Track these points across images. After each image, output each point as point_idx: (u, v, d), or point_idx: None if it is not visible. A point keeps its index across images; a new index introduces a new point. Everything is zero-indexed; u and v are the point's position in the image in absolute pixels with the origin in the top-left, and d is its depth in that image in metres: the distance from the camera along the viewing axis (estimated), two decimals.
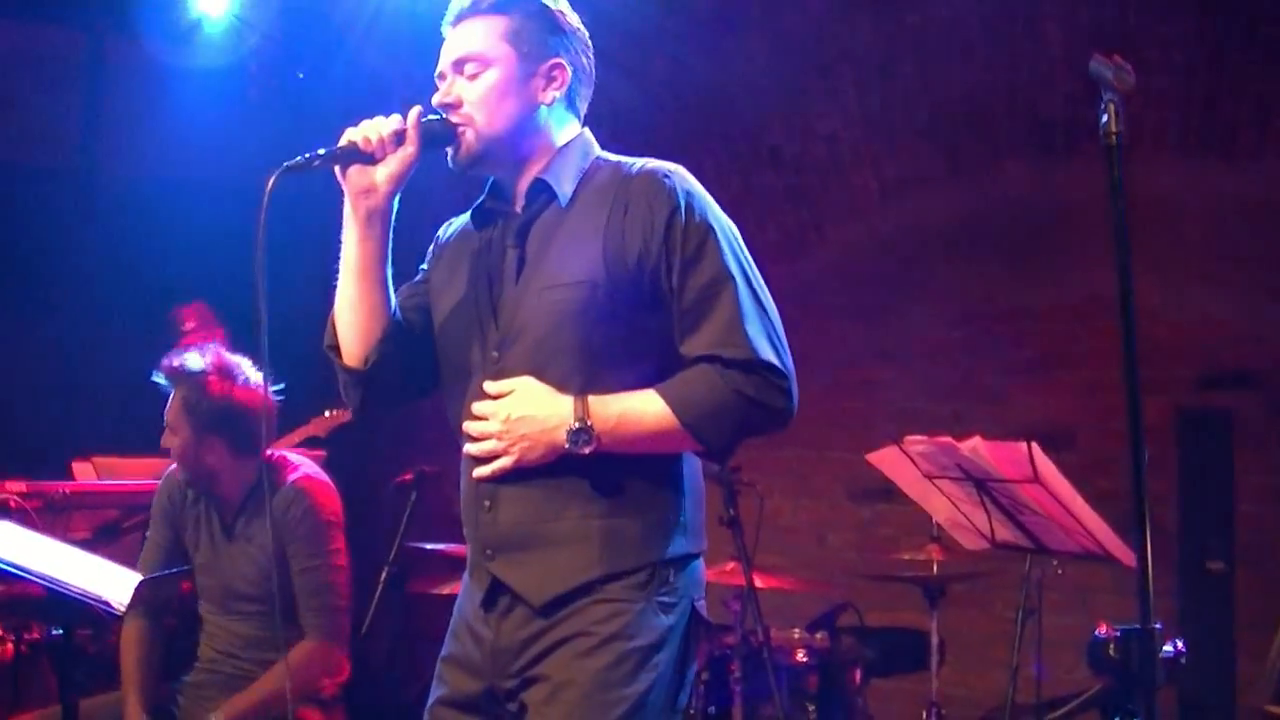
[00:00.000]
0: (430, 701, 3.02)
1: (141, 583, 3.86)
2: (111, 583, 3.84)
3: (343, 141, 2.93)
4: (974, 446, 4.55)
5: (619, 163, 3.02)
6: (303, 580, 4.55)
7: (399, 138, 2.92)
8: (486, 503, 2.90)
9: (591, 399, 2.78)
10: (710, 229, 2.88)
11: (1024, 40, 6.77)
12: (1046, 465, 4.45)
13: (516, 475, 2.85)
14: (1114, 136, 2.62)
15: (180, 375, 4.63)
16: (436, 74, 3.03)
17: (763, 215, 7.99)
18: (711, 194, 2.97)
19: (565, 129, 3.04)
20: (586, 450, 2.76)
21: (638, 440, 2.80)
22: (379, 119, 2.94)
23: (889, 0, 7.12)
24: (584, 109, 3.11)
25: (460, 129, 2.95)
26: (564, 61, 3.02)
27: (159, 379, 4.67)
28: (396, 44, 8.19)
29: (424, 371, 3.09)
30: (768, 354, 2.83)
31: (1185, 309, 6.74)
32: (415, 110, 2.94)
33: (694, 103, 7.75)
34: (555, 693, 2.77)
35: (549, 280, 2.87)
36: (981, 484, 4.69)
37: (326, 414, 6.76)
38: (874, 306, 7.84)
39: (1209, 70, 6.38)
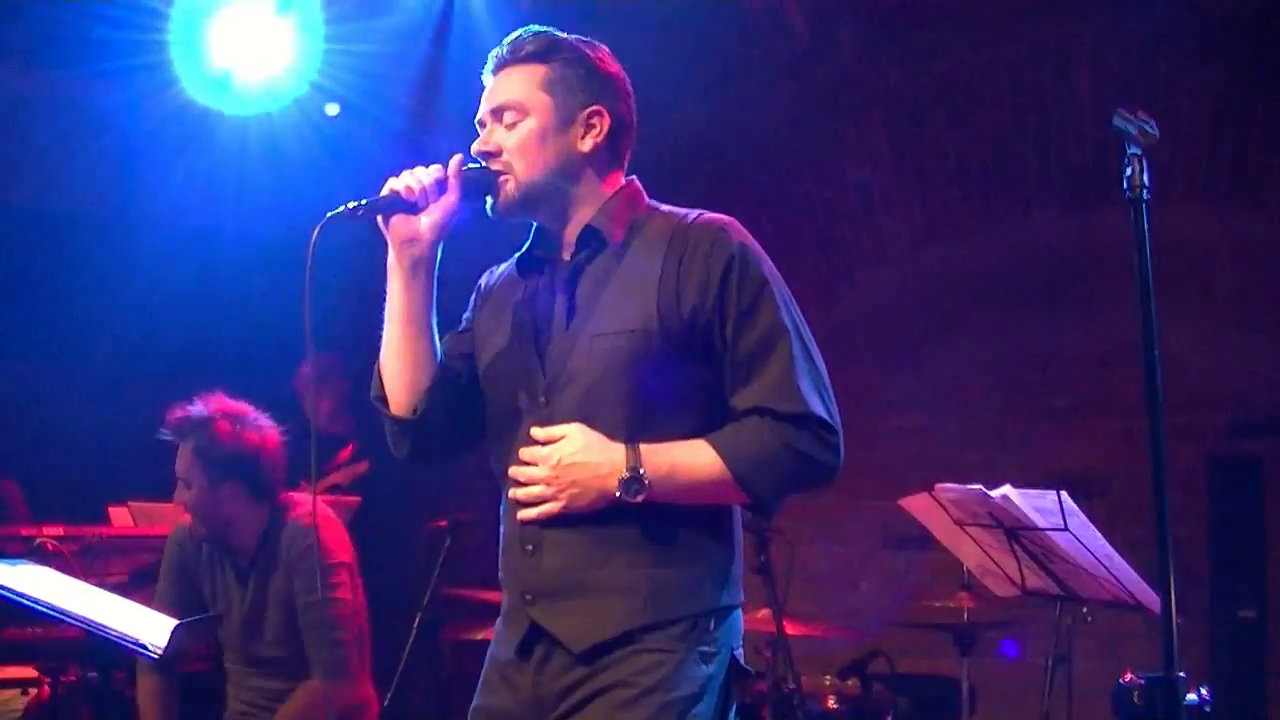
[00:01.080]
0: None
1: (178, 626, 3.89)
2: (147, 626, 3.88)
3: (385, 191, 2.93)
4: (1005, 495, 4.57)
5: (671, 212, 3.02)
6: (305, 616, 4.56)
7: (441, 186, 2.93)
8: (529, 547, 2.87)
9: (644, 447, 2.77)
10: (765, 282, 2.87)
11: (1054, 88, 6.80)
12: (1076, 514, 4.45)
13: (562, 521, 2.83)
14: (1139, 190, 2.63)
15: (188, 426, 4.64)
16: (477, 121, 3.03)
17: (794, 262, 7.99)
18: None
19: (609, 176, 3.04)
20: (638, 499, 2.75)
21: (688, 490, 2.79)
22: (420, 168, 2.94)
23: (919, 48, 7.16)
24: (628, 156, 3.11)
25: (501, 177, 2.95)
26: (603, 109, 3.00)
27: (165, 435, 4.67)
28: (439, 82, 8.26)
29: (471, 420, 3.06)
30: (819, 409, 2.84)
31: (1216, 356, 6.74)
32: (456, 159, 2.95)
33: (726, 150, 7.79)
34: None
35: (601, 328, 2.86)
36: (1012, 532, 4.70)
37: (354, 464, 6.81)
38: (905, 354, 7.85)
39: (1239, 117, 6.40)
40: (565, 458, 2.79)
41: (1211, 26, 6.29)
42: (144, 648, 3.81)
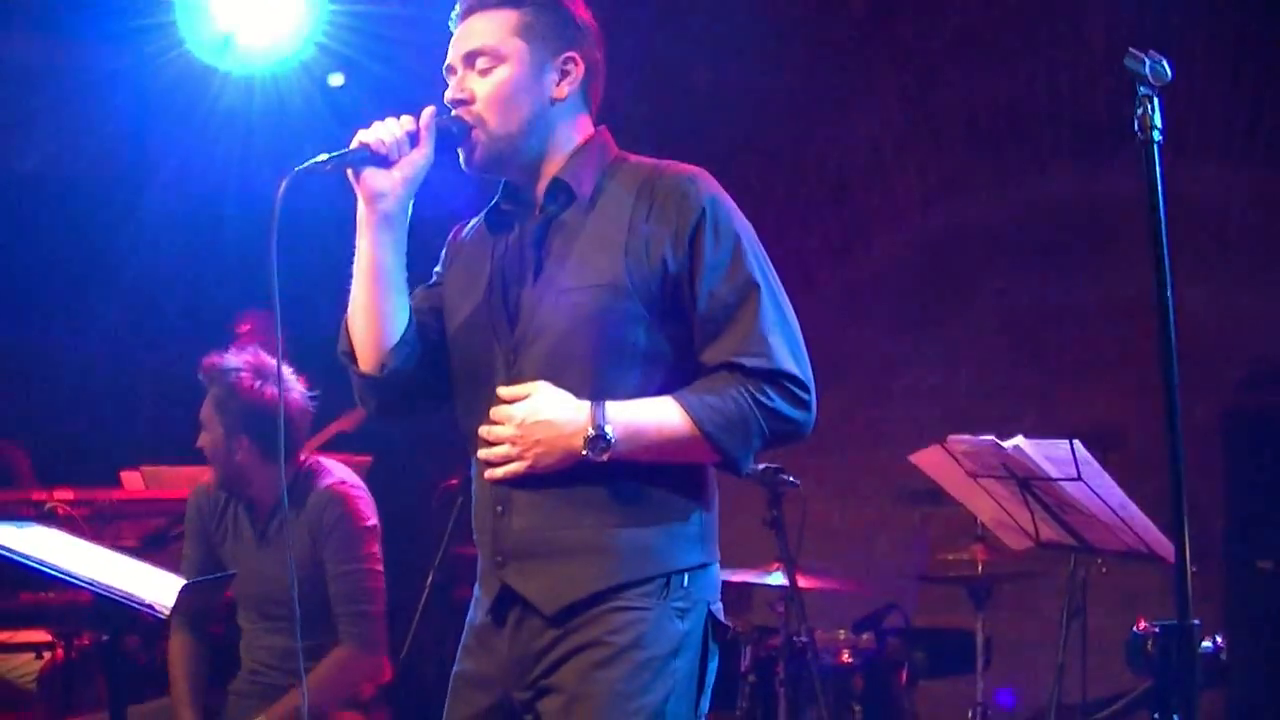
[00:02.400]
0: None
1: (185, 587, 3.88)
2: (157, 588, 3.87)
3: (354, 143, 2.85)
4: (1017, 445, 4.54)
5: (640, 163, 2.95)
6: (338, 585, 4.53)
7: (412, 139, 2.86)
8: (499, 508, 2.82)
9: (609, 405, 2.71)
10: (736, 236, 2.82)
11: (1066, 42, 6.76)
12: (1090, 463, 4.43)
13: (531, 481, 2.78)
14: (1151, 132, 2.59)
15: (214, 373, 4.62)
16: (445, 68, 2.95)
17: (807, 222, 7.99)
18: (755, 202, 2.94)
19: (579, 126, 2.98)
20: (604, 457, 2.68)
21: (655, 448, 2.73)
22: (390, 120, 2.86)
23: (930, 4, 7.12)
24: (597, 104, 3.04)
25: (473, 129, 2.88)
26: (577, 55, 2.95)
27: (200, 376, 4.67)
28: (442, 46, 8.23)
29: (439, 375, 3.01)
30: (789, 364, 2.76)
31: (1231, 309, 6.70)
32: (428, 110, 2.88)
33: (736, 110, 7.76)
34: (571, 705, 2.72)
35: (569, 282, 2.81)
36: (1025, 483, 4.67)
37: (356, 408, 6.76)
38: (920, 311, 7.82)
39: (1255, 69, 6.35)
40: (529, 416, 2.72)
41: None
42: (153, 609, 3.80)
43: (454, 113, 2.90)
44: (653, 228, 2.81)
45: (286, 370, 4.67)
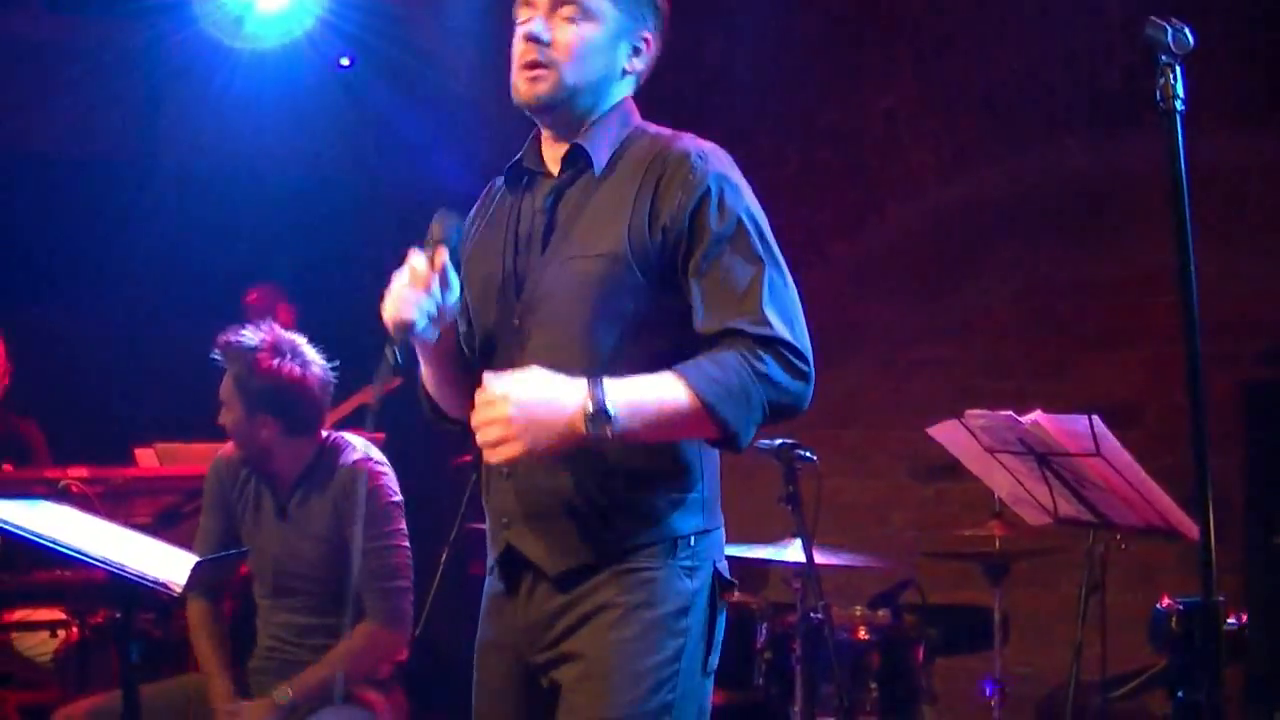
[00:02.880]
0: (474, 688, 3.04)
1: (198, 564, 3.87)
2: (171, 566, 3.86)
3: (401, 333, 2.82)
4: (1035, 420, 4.52)
5: (657, 135, 2.97)
6: (365, 561, 4.52)
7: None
8: (505, 469, 2.84)
9: (607, 381, 2.64)
10: (743, 211, 2.83)
11: (1082, 10, 6.70)
12: (1108, 438, 4.41)
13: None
14: (1173, 101, 2.56)
15: (232, 351, 4.61)
16: (522, 1, 2.94)
17: (821, 193, 7.95)
18: (769, 173, 2.96)
19: (624, 99, 3.01)
20: (606, 434, 2.61)
21: (656, 424, 2.67)
22: (414, 292, 2.81)
23: None
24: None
25: (542, 69, 2.87)
26: (652, 36, 2.99)
27: (215, 355, 4.66)
28: (450, 24, 8.20)
29: None
30: (789, 334, 2.76)
31: (1248, 283, 6.65)
32: (422, 264, 2.82)
33: (750, 81, 7.72)
34: (587, 669, 2.78)
35: (574, 250, 2.85)
36: (1043, 458, 4.65)
37: (377, 382, 6.74)
38: (934, 283, 7.79)
39: (1272, 40, 6.30)
40: (524, 395, 2.62)
41: None
42: (166, 587, 3.79)
43: (526, 50, 2.89)
44: (659, 199, 2.82)
45: (304, 343, 4.69)
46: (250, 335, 4.62)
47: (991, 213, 7.56)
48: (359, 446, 4.74)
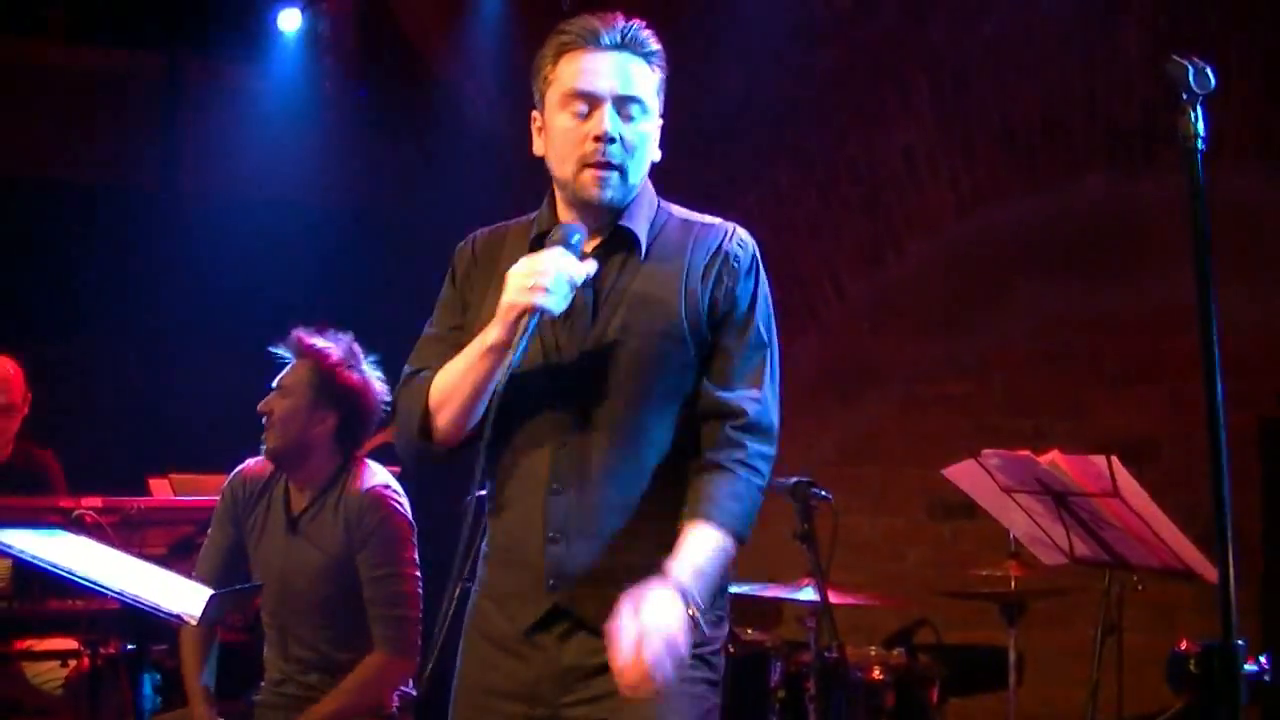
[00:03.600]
0: None
1: (213, 596, 3.86)
2: (185, 597, 3.85)
3: (534, 316, 2.81)
4: (1052, 460, 4.51)
5: (684, 217, 3.10)
6: (374, 589, 4.54)
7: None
8: (554, 534, 2.91)
9: (684, 579, 2.76)
10: (766, 298, 3.06)
11: (1101, 48, 6.71)
12: (1126, 479, 4.38)
13: (591, 513, 2.91)
14: (1194, 140, 2.56)
15: (313, 351, 4.70)
16: (582, 91, 2.96)
17: (840, 228, 7.95)
18: (788, 209, 3.05)
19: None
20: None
21: (720, 578, 2.91)
22: (560, 273, 2.82)
23: (964, 9, 7.08)
24: None
25: (615, 170, 2.94)
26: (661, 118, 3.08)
27: (281, 349, 4.74)
28: (473, 59, 8.23)
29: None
30: (775, 420, 3.00)
31: (1271, 320, 6.62)
32: (576, 264, 2.86)
33: (770, 116, 7.73)
34: (635, 703, 2.79)
35: (630, 327, 2.93)
36: (1061, 498, 4.63)
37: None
38: (952, 319, 7.77)
39: None
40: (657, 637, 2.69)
41: None
42: (180, 619, 3.78)
43: (596, 149, 2.93)
44: (705, 282, 2.98)
45: (371, 367, 4.80)
46: (331, 341, 4.74)
47: (1010, 249, 7.55)
48: (377, 474, 4.76)
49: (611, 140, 2.92)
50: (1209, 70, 2.54)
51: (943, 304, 7.81)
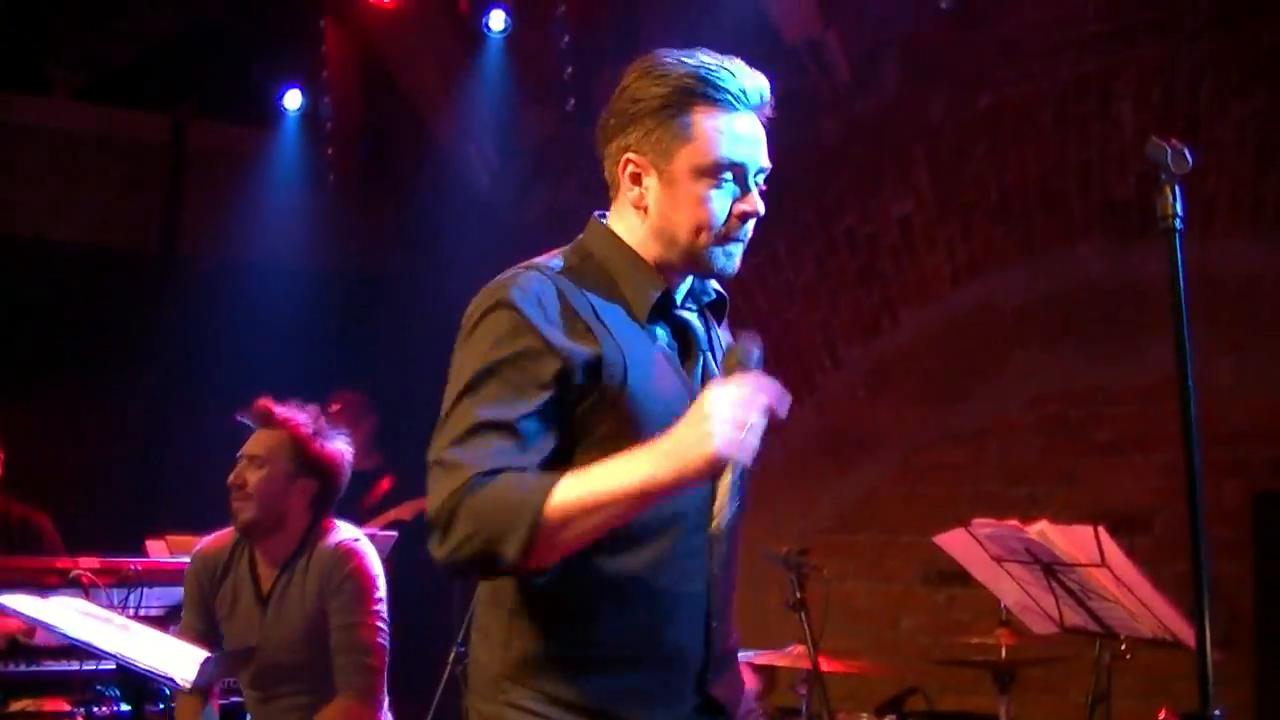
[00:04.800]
0: None
1: (207, 659, 3.89)
2: (180, 660, 3.88)
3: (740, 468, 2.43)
4: (1041, 530, 4.53)
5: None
6: (341, 637, 4.57)
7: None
8: (714, 622, 2.68)
9: None
10: None
11: (1096, 121, 6.78)
12: (1114, 549, 4.41)
13: (730, 594, 2.76)
14: (1172, 220, 2.61)
15: (287, 421, 4.74)
16: (733, 163, 2.70)
17: (837, 297, 8.00)
18: (784, 276, 2.98)
19: None
20: None
21: None
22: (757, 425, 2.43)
23: (962, 82, 7.16)
24: None
25: (741, 246, 2.74)
26: None
27: (249, 418, 4.76)
28: (472, 126, 8.30)
29: None
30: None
31: (1263, 390, 6.65)
32: (764, 394, 2.44)
33: (769, 186, 7.78)
34: None
35: None
36: (1049, 568, 4.65)
37: (420, 498, 6.83)
38: (947, 388, 7.80)
39: None
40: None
41: (1256, 56, 6.26)
42: (173, 681, 3.81)
43: (743, 228, 2.73)
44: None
45: (340, 437, 4.86)
46: (301, 411, 4.79)
47: (1005, 319, 7.59)
48: (346, 529, 4.80)
49: (756, 217, 2.73)
50: (1186, 152, 2.59)
51: (939, 373, 7.84)
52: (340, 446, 4.80)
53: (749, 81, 2.71)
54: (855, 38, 7.75)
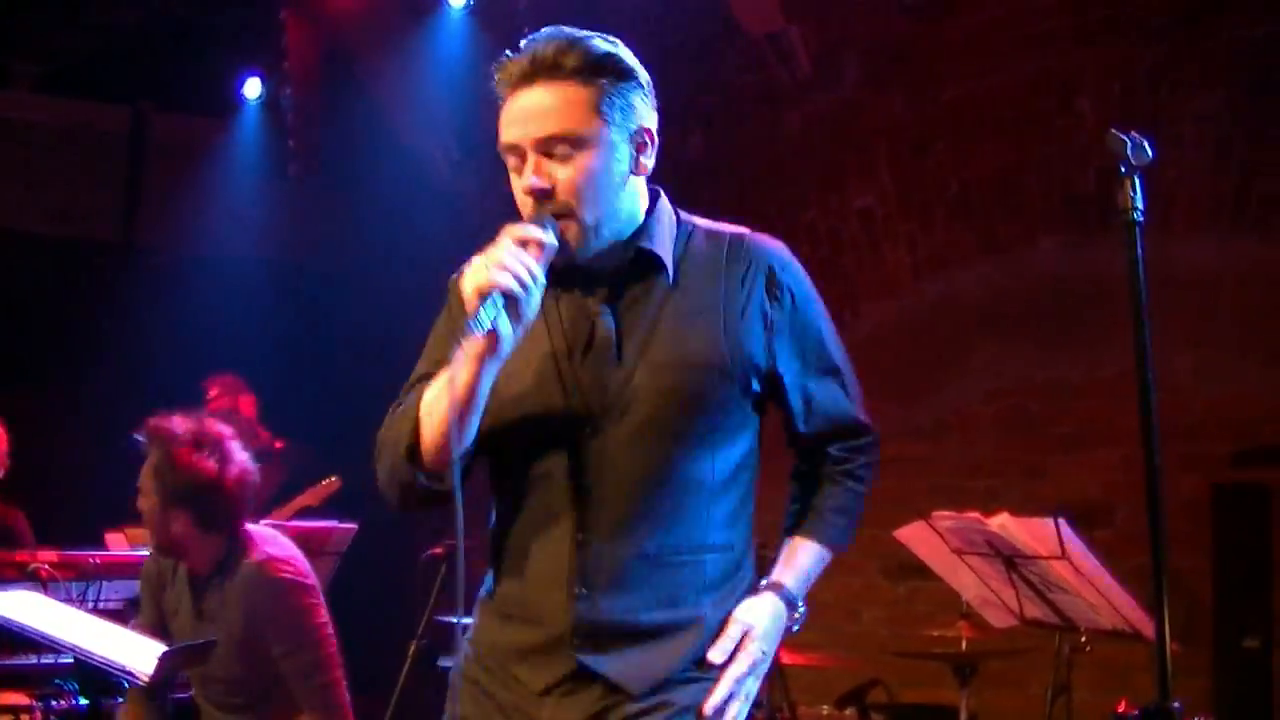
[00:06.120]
0: None
1: (165, 653, 3.86)
2: (138, 653, 3.86)
3: (496, 296, 2.50)
4: (1002, 523, 4.55)
5: (710, 229, 2.85)
6: (288, 665, 4.45)
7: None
8: (580, 589, 2.68)
9: (786, 581, 2.83)
10: (822, 314, 2.93)
11: (1057, 116, 6.80)
12: (1074, 541, 4.43)
13: (626, 564, 2.69)
14: (1132, 212, 2.62)
15: (156, 438, 4.51)
16: (506, 145, 2.69)
17: None
18: None
19: (643, 192, 2.79)
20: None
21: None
22: (517, 251, 2.53)
23: (923, 77, 7.18)
24: None
25: (561, 221, 2.62)
26: (649, 125, 2.76)
27: (137, 439, 4.56)
28: (434, 118, 8.28)
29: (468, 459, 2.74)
30: (872, 427, 3.02)
31: (1221, 384, 6.68)
32: (537, 233, 2.57)
33: (729, 179, 7.80)
34: None
35: (662, 359, 2.68)
36: (1010, 560, 4.67)
37: (323, 482, 6.80)
38: (908, 383, 7.81)
39: (1243, 145, 6.38)
40: (760, 649, 2.77)
41: (1214, 53, 6.29)
42: (133, 674, 3.79)
43: (532, 206, 2.65)
44: (750, 303, 2.76)
45: (233, 438, 4.60)
46: (178, 423, 4.51)
47: (966, 313, 7.61)
48: (262, 543, 4.59)
49: (544, 193, 2.63)
50: (1147, 144, 2.59)
51: (900, 367, 7.85)
52: (221, 461, 4.49)
53: (537, 51, 2.66)
54: (817, 32, 7.76)
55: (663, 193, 2.85)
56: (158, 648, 3.93)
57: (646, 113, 2.76)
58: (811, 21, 7.74)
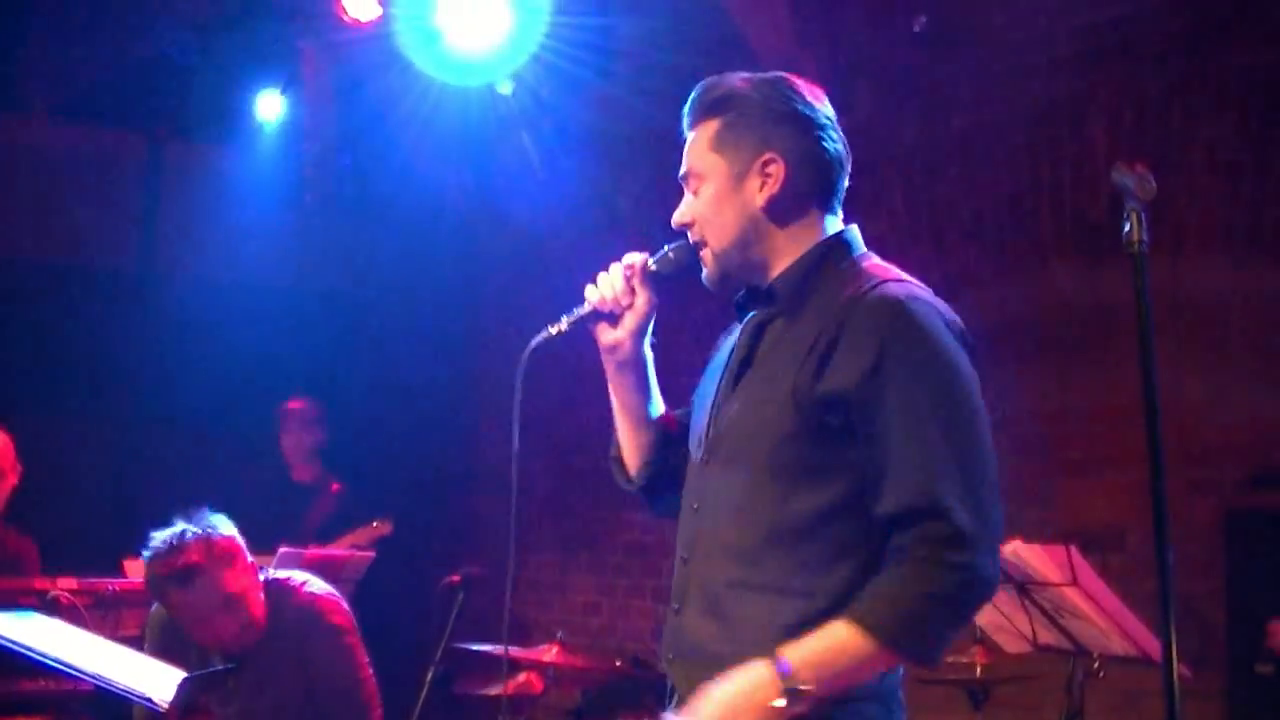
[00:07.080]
0: None
1: (184, 680, 3.89)
2: (157, 681, 3.88)
3: (585, 307, 3.00)
4: (1014, 549, 4.56)
5: (854, 274, 2.89)
6: (334, 701, 4.54)
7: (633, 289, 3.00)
8: (676, 605, 2.90)
9: (788, 655, 2.60)
10: (919, 366, 2.77)
11: (1068, 142, 6.82)
12: (1085, 568, 4.45)
13: (713, 592, 2.78)
14: (1137, 245, 2.64)
15: (175, 575, 4.52)
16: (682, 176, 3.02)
17: None
18: None
19: (803, 225, 2.93)
20: (805, 708, 2.58)
21: (846, 675, 2.63)
22: (613, 272, 3.00)
23: (936, 102, 7.20)
24: (832, 193, 3.02)
25: (700, 250, 2.95)
26: (777, 154, 2.87)
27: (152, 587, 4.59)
28: (449, 147, 8.32)
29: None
30: (963, 520, 2.67)
31: (1232, 409, 6.69)
32: (638, 261, 3.00)
33: None
34: None
35: (754, 393, 2.84)
36: (1022, 586, 4.68)
37: (374, 524, 6.83)
38: None
39: (1254, 170, 6.39)
40: (704, 705, 2.64)
41: (1225, 80, 6.31)
42: (152, 703, 3.81)
43: (682, 244, 2.99)
44: (834, 348, 2.73)
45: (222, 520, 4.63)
46: (185, 559, 4.53)
47: (977, 338, 7.59)
48: (303, 584, 4.71)
49: (683, 226, 2.96)
50: (1150, 177, 2.62)
51: None
52: (232, 576, 4.55)
53: (691, 96, 2.97)
54: (828, 59, 7.78)
55: (846, 234, 3.02)
56: (176, 674, 3.95)
57: (775, 140, 2.88)
58: (823, 48, 7.77)
